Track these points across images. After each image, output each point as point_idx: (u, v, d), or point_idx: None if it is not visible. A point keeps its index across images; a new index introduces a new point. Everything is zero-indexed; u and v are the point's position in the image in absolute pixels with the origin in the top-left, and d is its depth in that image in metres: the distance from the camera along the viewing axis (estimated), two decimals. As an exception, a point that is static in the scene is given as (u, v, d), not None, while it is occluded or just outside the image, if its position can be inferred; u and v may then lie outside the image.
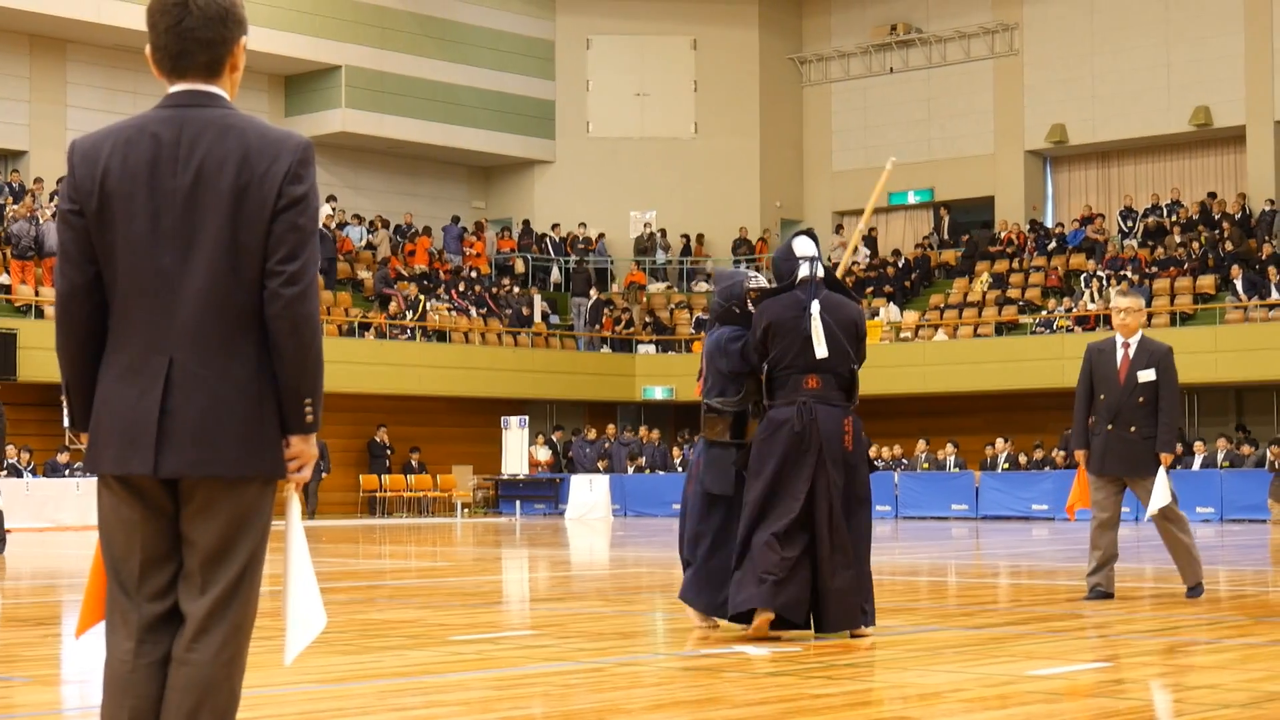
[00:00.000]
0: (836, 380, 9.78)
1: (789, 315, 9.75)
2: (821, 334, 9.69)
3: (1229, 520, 29.58)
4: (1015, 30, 42.54)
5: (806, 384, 9.70)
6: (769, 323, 9.80)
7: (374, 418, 37.15)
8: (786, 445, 9.60)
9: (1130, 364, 12.44)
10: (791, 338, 9.72)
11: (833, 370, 9.75)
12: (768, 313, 9.84)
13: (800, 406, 9.64)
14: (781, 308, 9.80)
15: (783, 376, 9.76)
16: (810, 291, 9.80)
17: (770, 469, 9.61)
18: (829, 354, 9.70)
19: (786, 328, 9.73)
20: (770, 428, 9.71)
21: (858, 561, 9.67)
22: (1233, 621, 10.78)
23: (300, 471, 4.25)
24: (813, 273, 9.89)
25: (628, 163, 44.64)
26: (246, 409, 4.16)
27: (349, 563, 19.27)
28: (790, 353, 9.72)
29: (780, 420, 9.67)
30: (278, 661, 4.47)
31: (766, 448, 9.67)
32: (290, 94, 41.20)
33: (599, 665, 8.62)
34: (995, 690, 7.50)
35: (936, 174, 43.79)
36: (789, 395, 9.72)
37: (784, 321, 9.75)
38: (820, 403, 9.68)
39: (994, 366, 36.52)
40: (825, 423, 9.63)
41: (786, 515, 9.50)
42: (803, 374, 9.71)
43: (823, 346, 9.68)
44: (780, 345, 9.74)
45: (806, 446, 9.56)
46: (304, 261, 4.16)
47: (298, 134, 4.25)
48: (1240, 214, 38.26)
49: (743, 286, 10.28)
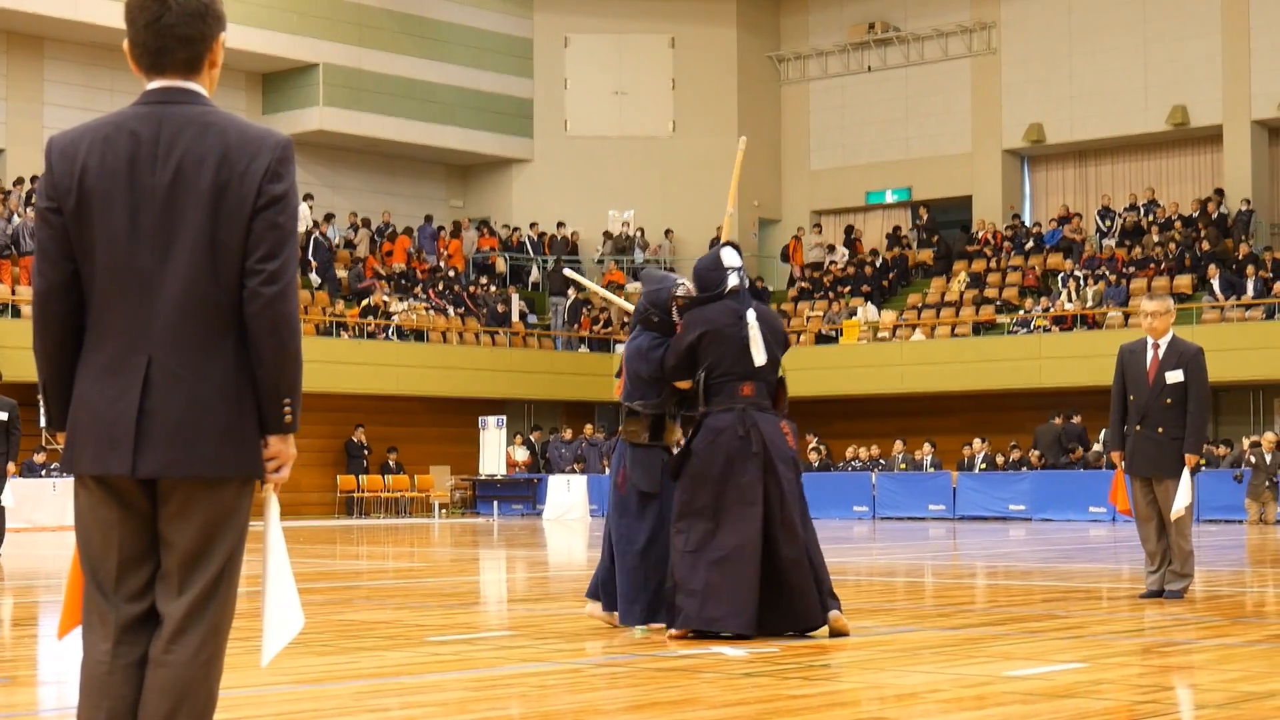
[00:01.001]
0: (767, 388, 9.95)
1: (725, 323, 9.87)
2: (760, 341, 9.84)
3: (1205, 521, 29.64)
4: (993, 29, 42.60)
5: (742, 391, 9.82)
6: (704, 331, 9.87)
7: (351, 417, 37.08)
8: (730, 451, 9.67)
9: (1159, 365, 12.51)
10: (728, 345, 9.83)
11: (765, 378, 9.91)
12: (702, 321, 9.91)
13: (740, 413, 9.74)
14: (717, 316, 9.91)
15: (718, 384, 9.84)
16: (743, 301, 9.95)
17: (716, 476, 9.65)
18: (765, 361, 9.87)
19: (724, 335, 9.84)
20: (710, 435, 9.75)
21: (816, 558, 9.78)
22: (1209, 622, 10.80)
23: (279, 472, 4.24)
24: (742, 283, 10.04)
25: (606, 161, 44.62)
26: (225, 409, 4.14)
27: (326, 563, 19.24)
28: (727, 360, 9.82)
29: (721, 427, 9.74)
30: (255, 662, 4.45)
31: (709, 455, 9.70)
32: (268, 92, 41.12)
33: (576, 666, 8.62)
34: (972, 691, 7.51)
35: (914, 173, 43.84)
36: (726, 402, 9.81)
37: (721, 329, 9.85)
38: (757, 409, 9.82)
39: (971, 366, 36.56)
40: (765, 427, 9.77)
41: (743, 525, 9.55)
42: (740, 381, 9.82)
43: (761, 354, 9.83)
44: (716, 353, 9.83)
45: (751, 451, 9.65)
46: (283, 260, 4.14)
47: (277, 132, 4.24)
48: (1217, 214, 38.36)
49: (669, 293, 10.31)
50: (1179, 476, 12.26)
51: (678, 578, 9.67)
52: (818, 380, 38.01)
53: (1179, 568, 12.37)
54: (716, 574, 9.53)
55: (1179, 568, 12.37)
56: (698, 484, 9.69)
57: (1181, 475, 12.24)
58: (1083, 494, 31.56)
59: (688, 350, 9.88)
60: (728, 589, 9.51)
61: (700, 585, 9.55)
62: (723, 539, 9.58)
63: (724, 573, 9.52)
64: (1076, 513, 31.40)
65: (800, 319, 40.85)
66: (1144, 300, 13.08)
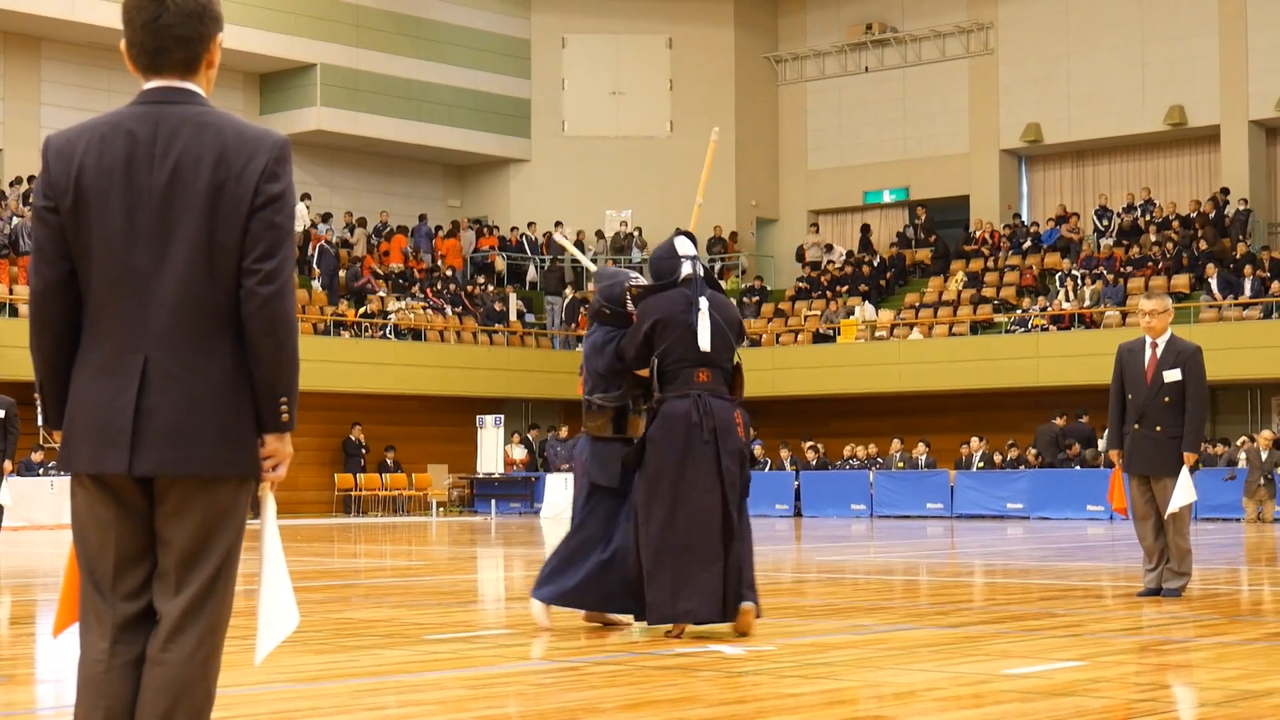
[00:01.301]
0: (723, 375, 9.98)
1: (677, 310, 9.91)
2: (708, 328, 9.87)
3: (1202, 519, 29.63)
4: (990, 29, 42.60)
5: (697, 378, 9.84)
6: (657, 318, 9.91)
7: (349, 416, 37.08)
8: (685, 437, 9.68)
9: (1157, 364, 12.52)
10: (681, 332, 9.86)
11: (719, 365, 9.94)
12: (656, 308, 9.96)
13: (695, 399, 9.76)
14: (670, 303, 9.96)
15: (673, 371, 9.87)
16: (696, 288, 10.00)
17: (673, 463, 9.66)
18: (712, 348, 9.87)
19: (676, 322, 9.88)
20: (666, 422, 9.76)
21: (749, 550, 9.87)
22: (1207, 620, 10.80)
23: (276, 470, 4.24)
24: (695, 271, 10.09)
25: (603, 161, 44.61)
26: (222, 408, 4.14)
27: (324, 561, 19.24)
28: (680, 346, 9.85)
29: (676, 414, 9.74)
30: (250, 661, 4.45)
31: (666, 442, 9.71)
32: (265, 92, 41.12)
33: (574, 664, 8.62)
34: (970, 689, 7.51)
35: (912, 173, 43.84)
36: (681, 388, 9.82)
37: (673, 316, 9.89)
38: (712, 396, 9.83)
39: (969, 365, 36.56)
40: (720, 414, 9.78)
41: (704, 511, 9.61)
42: (694, 368, 9.84)
43: (706, 340, 9.84)
44: (669, 339, 9.86)
45: (706, 438, 9.68)
46: (280, 260, 4.14)
47: (275, 132, 4.24)
48: (1214, 213, 38.36)
49: (622, 288, 10.39)
50: (1177, 475, 12.26)
51: (645, 570, 9.66)
52: (815, 379, 38.04)
53: (1177, 566, 12.37)
54: (684, 564, 9.55)
55: (1177, 566, 12.37)
56: (658, 473, 9.70)
57: (1180, 474, 12.24)
58: (1080, 493, 31.58)
59: (644, 339, 9.93)
60: (695, 579, 9.53)
61: (669, 578, 9.57)
62: (684, 527, 9.59)
63: (690, 562, 9.55)
64: (1074, 511, 31.42)
65: (798, 318, 40.86)
66: (1142, 299, 13.10)
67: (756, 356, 39.04)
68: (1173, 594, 12.30)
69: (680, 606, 9.56)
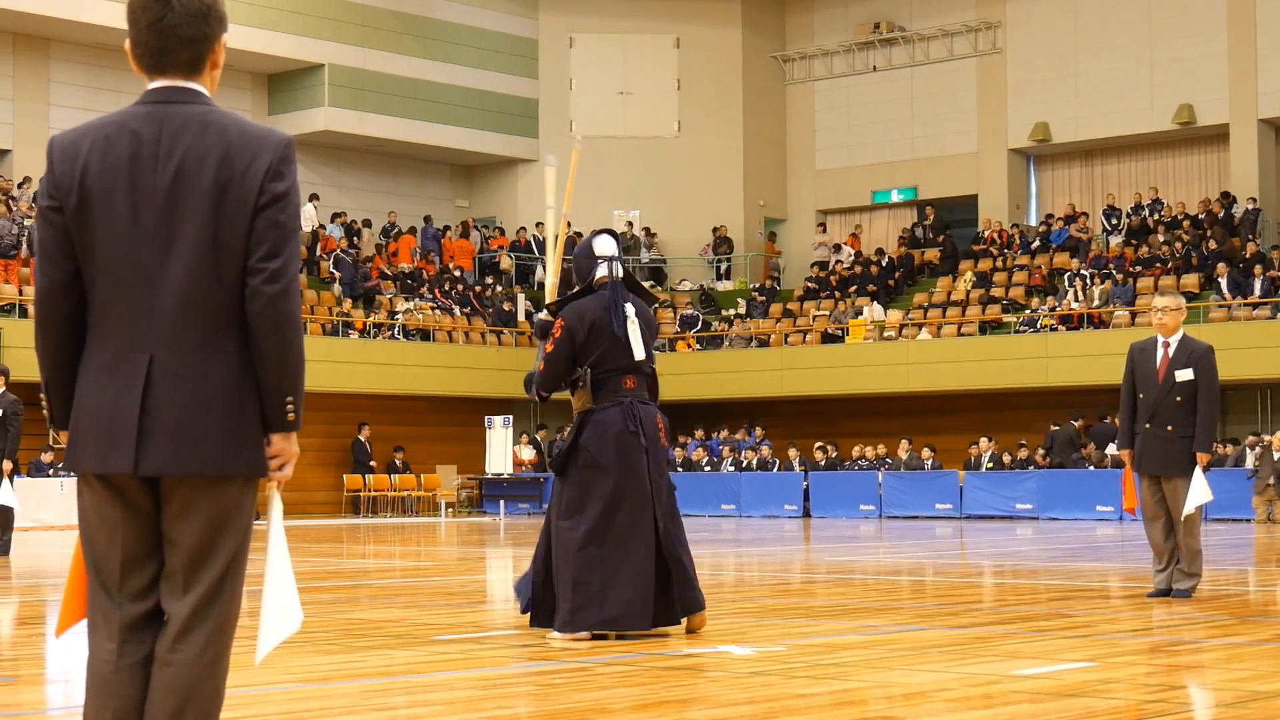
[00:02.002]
0: (645, 380, 9.89)
1: (603, 317, 9.76)
2: (639, 335, 9.78)
3: (1211, 520, 29.60)
4: (998, 28, 42.56)
5: (626, 384, 9.76)
6: (591, 321, 9.76)
7: (357, 417, 37.10)
8: (621, 444, 9.60)
9: (1169, 363, 12.48)
10: (609, 339, 9.74)
11: (644, 370, 9.86)
12: (588, 314, 9.79)
13: (626, 407, 9.68)
14: (599, 308, 9.80)
15: (603, 378, 9.76)
16: (617, 292, 9.84)
17: (610, 468, 9.57)
18: (645, 355, 9.83)
19: (602, 329, 9.74)
20: (599, 429, 9.66)
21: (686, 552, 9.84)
22: (1218, 621, 10.78)
23: (282, 470, 4.24)
24: (613, 273, 9.93)
25: (611, 162, 44.57)
26: (227, 407, 4.14)
27: (333, 562, 19.24)
28: (611, 355, 9.74)
29: (609, 421, 9.65)
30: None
31: (600, 448, 9.62)
32: (273, 92, 41.15)
33: (583, 665, 8.60)
34: (980, 690, 7.49)
35: (920, 172, 43.80)
36: (611, 396, 9.72)
37: (603, 322, 9.76)
38: (640, 403, 9.76)
39: (977, 365, 36.52)
40: (648, 422, 9.72)
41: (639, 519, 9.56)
42: (623, 375, 9.75)
43: (640, 349, 9.77)
44: (601, 347, 9.74)
45: (641, 444, 9.62)
46: (285, 259, 4.14)
47: (279, 131, 4.23)
48: (1223, 213, 38.31)
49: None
50: (1188, 475, 12.23)
51: (571, 574, 9.54)
52: (824, 380, 38.01)
53: (1187, 567, 12.34)
54: (614, 570, 9.47)
55: (1187, 567, 12.34)
56: (591, 477, 9.60)
57: (1193, 474, 12.21)
58: (1090, 493, 31.55)
59: (569, 357, 9.76)
60: (626, 586, 9.46)
61: (598, 582, 9.48)
62: (618, 533, 9.51)
63: (622, 568, 9.47)
64: (1083, 511, 31.38)
65: (806, 318, 40.84)
66: (1155, 297, 13.05)
67: (765, 357, 39.08)
68: (1183, 595, 12.27)
69: (609, 611, 9.46)
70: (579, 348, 9.76)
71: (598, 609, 9.48)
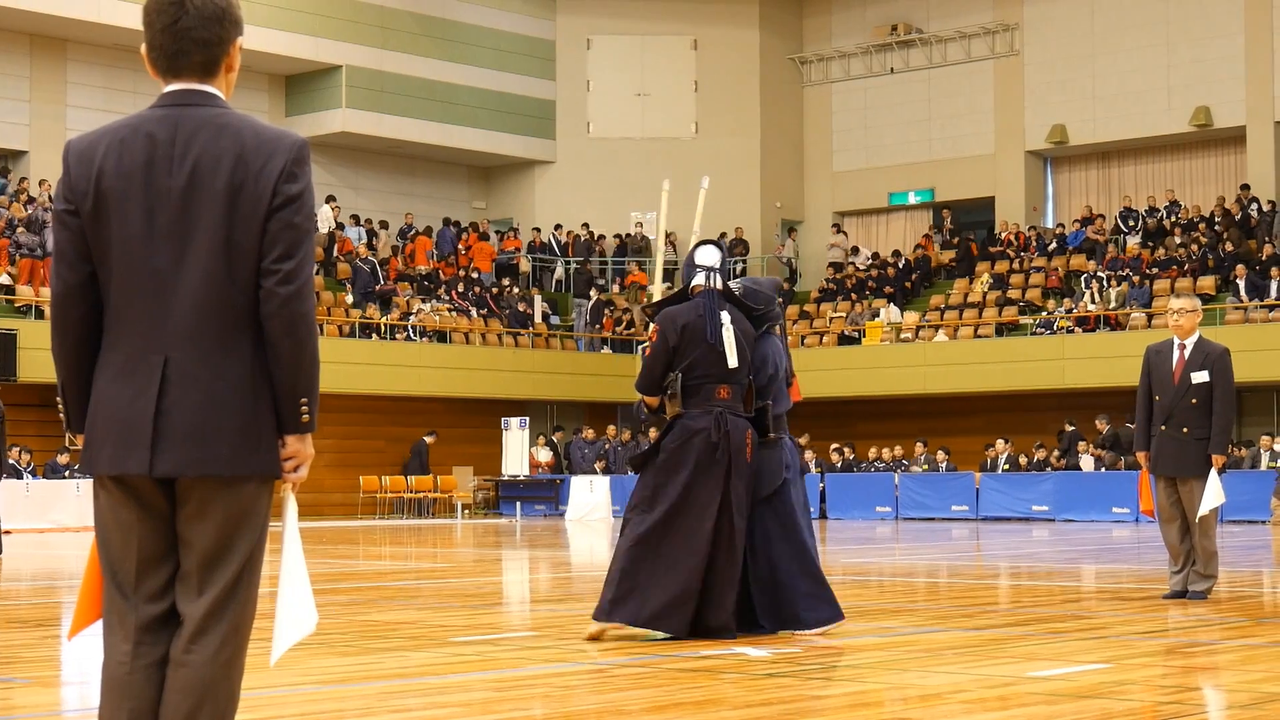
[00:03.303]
0: (741, 391, 9.82)
1: (697, 324, 9.73)
2: (734, 344, 9.72)
3: (1228, 521, 29.55)
4: (1016, 30, 42.52)
5: (719, 394, 9.69)
6: (683, 325, 9.74)
7: (372, 419, 37.14)
8: (699, 454, 9.56)
9: (1185, 365, 12.48)
10: (703, 346, 9.69)
11: (738, 381, 9.78)
12: (680, 318, 9.78)
13: (716, 416, 9.62)
14: (688, 316, 9.78)
15: (695, 385, 9.71)
16: (714, 300, 9.81)
17: (683, 476, 9.55)
18: (739, 364, 9.74)
19: (697, 335, 9.71)
20: (684, 435, 9.64)
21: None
22: (1233, 623, 10.77)
23: (297, 471, 4.24)
24: (709, 283, 9.89)
25: (628, 163, 44.59)
26: (242, 408, 4.15)
27: (349, 563, 19.26)
28: (705, 361, 9.69)
29: (696, 429, 9.62)
30: (276, 663, 4.45)
31: (680, 454, 9.60)
32: (290, 94, 41.21)
33: (599, 666, 8.61)
34: (995, 691, 7.49)
35: (937, 174, 43.77)
36: (703, 404, 9.68)
37: (694, 329, 9.73)
38: (731, 414, 9.69)
39: (994, 367, 36.50)
40: (735, 434, 9.64)
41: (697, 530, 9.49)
42: (716, 384, 9.69)
43: (734, 356, 9.71)
44: (694, 354, 9.70)
45: (719, 458, 9.55)
46: (299, 260, 4.14)
47: (293, 133, 4.24)
48: (1240, 215, 38.25)
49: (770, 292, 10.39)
50: (1204, 476, 12.22)
51: (620, 566, 9.58)
52: (840, 381, 37.97)
53: (1203, 568, 12.33)
54: (663, 571, 9.46)
55: (1203, 568, 12.33)
56: (665, 479, 9.59)
57: (1208, 475, 12.20)
58: (1105, 494, 31.51)
59: (671, 350, 9.74)
60: (670, 588, 9.44)
61: (644, 580, 9.49)
62: (676, 537, 9.49)
63: (671, 572, 9.46)
64: (1099, 513, 31.35)
65: (823, 320, 40.83)
66: (1171, 299, 13.05)
67: (781, 358, 38.98)
68: (1198, 596, 12.25)
69: (648, 609, 9.47)
70: (674, 351, 9.74)
71: (638, 606, 9.49)
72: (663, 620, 9.49)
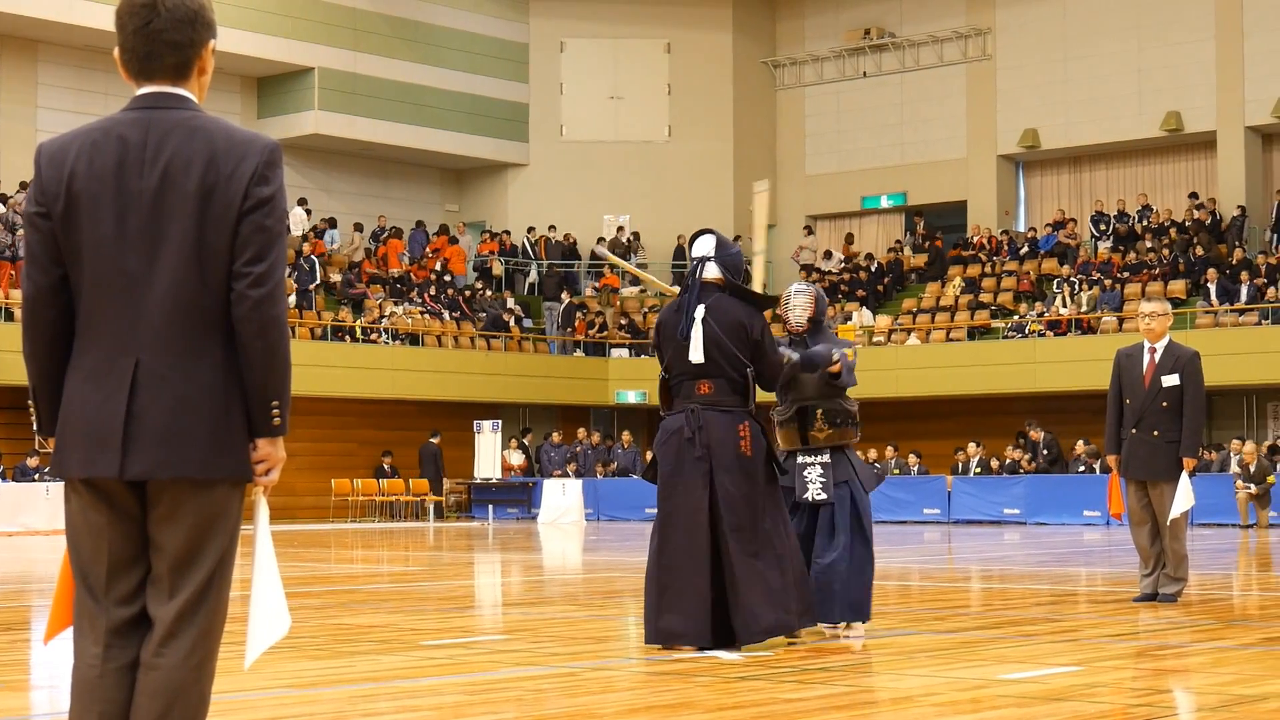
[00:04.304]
0: (730, 385, 9.41)
1: (672, 320, 9.53)
2: (700, 338, 9.34)
3: (1198, 525, 29.65)
4: (988, 35, 42.63)
5: (698, 390, 9.39)
6: (658, 323, 9.65)
7: (345, 421, 37.09)
8: (676, 454, 9.33)
9: (1155, 369, 12.48)
10: (675, 343, 9.45)
11: (723, 375, 9.38)
12: (660, 315, 9.67)
13: (690, 414, 9.35)
14: (669, 311, 9.60)
15: (676, 383, 9.51)
16: (692, 294, 9.49)
17: (667, 479, 9.36)
18: (708, 359, 9.33)
19: (668, 332, 9.52)
20: (663, 436, 9.47)
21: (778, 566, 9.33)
22: (1203, 625, 10.80)
23: (268, 475, 4.24)
24: (696, 273, 9.56)
25: (601, 166, 44.62)
26: (213, 410, 4.14)
27: (321, 567, 19.23)
28: (677, 359, 9.45)
29: (671, 429, 9.42)
30: (244, 665, 4.44)
31: (663, 458, 9.43)
32: (263, 96, 41.12)
33: (571, 670, 8.61)
34: (967, 694, 7.50)
35: (909, 178, 43.85)
36: (681, 402, 9.44)
37: (668, 325, 9.55)
38: (711, 409, 9.34)
39: (966, 371, 36.58)
40: (715, 429, 9.28)
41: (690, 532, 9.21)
42: (692, 380, 9.41)
43: (699, 352, 9.35)
44: (670, 351, 9.50)
45: (699, 454, 9.25)
46: (271, 263, 4.14)
47: (265, 136, 4.24)
48: (1210, 219, 38.39)
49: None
50: (1175, 479, 12.25)
51: (646, 587, 9.39)
52: (813, 384, 37.93)
53: (1173, 571, 12.36)
54: (667, 583, 9.22)
55: (1173, 571, 12.36)
56: (660, 485, 9.42)
57: (1179, 479, 12.23)
58: (1076, 497, 31.60)
59: (654, 347, 9.69)
60: (677, 599, 9.16)
61: (654, 597, 9.27)
62: (672, 546, 9.25)
63: (674, 582, 9.19)
64: (1070, 516, 31.42)
65: (795, 323, 40.80)
66: (1142, 302, 13.07)
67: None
68: (1169, 599, 12.29)
69: (661, 625, 9.22)
70: (656, 349, 9.66)
71: (652, 624, 9.28)
72: (676, 637, 9.19)
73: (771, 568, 9.29)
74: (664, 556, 9.28)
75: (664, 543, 9.31)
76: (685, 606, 9.16)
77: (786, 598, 9.30)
